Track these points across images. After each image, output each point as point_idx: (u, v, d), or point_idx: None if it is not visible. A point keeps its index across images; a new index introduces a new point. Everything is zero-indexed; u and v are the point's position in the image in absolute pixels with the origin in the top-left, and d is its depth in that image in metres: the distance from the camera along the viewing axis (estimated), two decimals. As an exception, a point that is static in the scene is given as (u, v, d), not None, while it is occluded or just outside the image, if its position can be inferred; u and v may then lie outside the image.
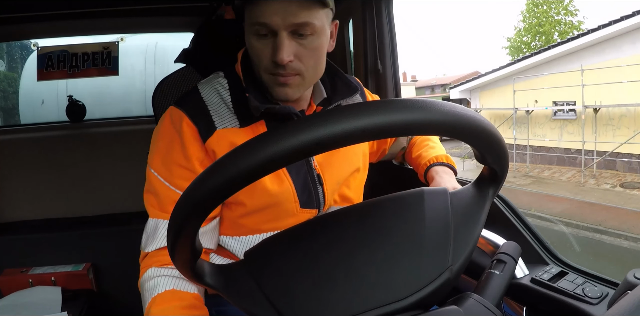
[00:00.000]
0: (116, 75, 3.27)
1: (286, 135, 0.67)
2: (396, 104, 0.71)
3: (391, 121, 0.69)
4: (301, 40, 1.40)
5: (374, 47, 2.68)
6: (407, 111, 0.70)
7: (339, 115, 0.68)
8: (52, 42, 3.22)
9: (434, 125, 0.73)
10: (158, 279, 1.45)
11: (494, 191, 0.97)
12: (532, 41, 29.19)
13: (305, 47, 1.42)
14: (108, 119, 3.33)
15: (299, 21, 1.35)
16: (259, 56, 1.44)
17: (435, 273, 0.83)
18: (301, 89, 1.50)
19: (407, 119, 0.70)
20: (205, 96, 1.56)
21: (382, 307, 0.80)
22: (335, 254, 0.89)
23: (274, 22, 1.35)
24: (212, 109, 1.52)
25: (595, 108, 15.44)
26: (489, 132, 0.81)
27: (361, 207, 1.03)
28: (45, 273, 2.71)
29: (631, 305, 0.65)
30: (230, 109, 1.53)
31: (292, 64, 1.41)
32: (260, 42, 1.41)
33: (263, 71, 1.45)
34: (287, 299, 0.84)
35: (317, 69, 1.51)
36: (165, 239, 1.24)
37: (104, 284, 2.95)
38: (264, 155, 0.67)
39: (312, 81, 1.53)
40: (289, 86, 1.46)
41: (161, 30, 3.37)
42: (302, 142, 0.67)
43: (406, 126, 0.70)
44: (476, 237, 0.91)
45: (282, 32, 1.36)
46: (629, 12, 14.08)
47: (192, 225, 0.76)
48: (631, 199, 13.13)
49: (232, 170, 0.68)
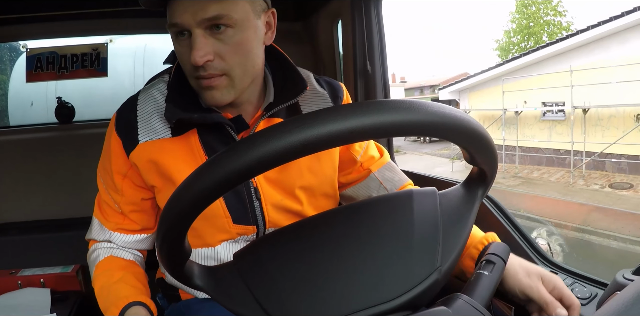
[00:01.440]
0: (105, 76, 3.26)
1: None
2: (384, 105, 0.70)
3: (379, 122, 0.69)
4: (219, 36, 1.30)
5: (362, 48, 2.68)
6: (395, 112, 0.70)
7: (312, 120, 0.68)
8: (41, 43, 3.21)
9: (423, 126, 0.73)
10: (98, 250, 1.60)
11: (483, 191, 0.97)
12: (521, 42, 29.29)
13: (226, 43, 1.31)
14: (97, 121, 3.32)
15: (209, 15, 1.26)
16: (182, 60, 1.38)
17: (424, 273, 0.83)
18: (231, 91, 1.37)
19: (395, 120, 0.70)
20: (140, 104, 1.51)
21: (371, 308, 0.80)
22: (325, 256, 0.89)
23: (184, 20, 1.27)
24: (142, 119, 1.48)
25: (584, 109, 15.49)
26: (477, 133, 0.81)
27: (351, 208, 1.04)
28: (34, 275, 2.70)
29: (620, 305, 0.65)
30: (163, 118, 1.45)
31: (212, 63, 1.31)
32: (180, 44, 1.34)
33: (189, 75, 1.38)
34: (276, 300, 0.84)
35: (247, 67, 1.38)
36: (97, 233, 1.58)
37: (93, 286, 2.94)
38: (251, 157, 0.67)
39: (244, 80, 1.39)
40: (216, 89, 1.35)
41: (150, 31, 3.36)
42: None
43: (394, 127, 0.70)
44: (465, 238, 0.91)
45: (195, 30, 1.27)
46: (618, 13, 14.14)
47: (180, 229, 0.76)
48: (620, 199, 13.19)
49: (220, 172, 0.68)
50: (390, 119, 0.69)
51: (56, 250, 2.88)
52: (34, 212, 3.04)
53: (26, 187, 3.03)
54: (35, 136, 3.11)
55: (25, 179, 3.03)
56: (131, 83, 3.93)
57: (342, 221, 0.99)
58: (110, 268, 1.52)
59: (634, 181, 14.23)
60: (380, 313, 0.80)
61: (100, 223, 1.61)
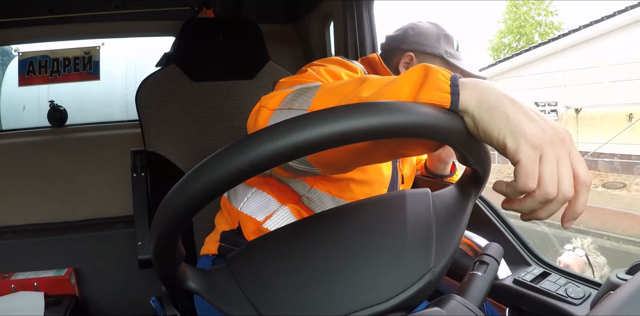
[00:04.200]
0: (97, 80, 3.26)
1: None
2: (375, 107, 0.70)
3: (370, 124, 0.68)
4: None
5: (355, 49, 2.68)
6: (385, 113, 0.70)
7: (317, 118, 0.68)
8: (33, 47, 3.21)
9: (415, 127, 0.72)
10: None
11: (476, 192, 0.97)
12: (512, 43, 29.35)
13: None
14: (89, 124, 3.32)
15: None
16: None
17: (418, 275, 0.83)
18: None
19: (386, 122, 0.69)
20: None
21: (365, 309, 0.80)
22: (318, 257, 0.89)
23: None
24: None
25: (577, 108, 15.51)
26: (470, 134, 0.81)
27: (343, 209, 1.03)
28: (27, 279, 2.69)
29: (614, 305, 0.65)
30: None
31: None
32: None
33: None
34: (270, 302, 0.84)
35: None
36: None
37: (86, 289, 2.94)
38: (244, 159, 0.66)
39: None
40: None
41: (142, 34, 3.37)
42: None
43: (385, 129, 0.70)
44: (458, 239, 0.91)
45: None
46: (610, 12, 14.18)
47: (175, 231, 0.76)
48: (613, 199, 13.20)
49: (213, 175, 0.68)
50: (381, 121, 0.69)
51: (49, 254, 2.88)
52: (27, 215, 3.03)
53: (18, 191, 3.02)
54: (27, 139, 3.11)
55: (18, 183, 3.03)
56: (123, 86, 3.93)
57: (335, 222, 0.98)
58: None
59: (627, 181, 14.24)
60: (373, 314, 0.80)
61: None
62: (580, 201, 0.80)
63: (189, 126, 2.39)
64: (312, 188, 1.64)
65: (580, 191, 0.80)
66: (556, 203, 0.79)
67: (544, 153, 0.77)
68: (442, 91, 0.81)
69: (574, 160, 0.79)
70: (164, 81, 2.34)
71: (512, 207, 0.84)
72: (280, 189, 1.67)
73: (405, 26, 2.05)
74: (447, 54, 1.97)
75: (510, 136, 0.77)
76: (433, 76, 0.84)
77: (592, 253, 5.09)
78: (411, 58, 1.95)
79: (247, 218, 1.65)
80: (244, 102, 2.47)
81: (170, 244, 0.78)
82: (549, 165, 0.77)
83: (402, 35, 2.01)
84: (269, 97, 1.16)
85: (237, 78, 2.50)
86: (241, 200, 1.69)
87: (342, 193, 1.64)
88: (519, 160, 0.76)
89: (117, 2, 3.04)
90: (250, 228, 1.63)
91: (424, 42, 1.97)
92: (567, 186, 0.78)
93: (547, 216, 0.82)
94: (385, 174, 1.70)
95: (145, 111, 2.32)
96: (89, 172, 3.11)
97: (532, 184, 0.77)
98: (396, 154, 1.11)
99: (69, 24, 3.00)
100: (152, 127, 2.33)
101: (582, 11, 27.90)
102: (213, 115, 2.44)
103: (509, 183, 0.80)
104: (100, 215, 3.13)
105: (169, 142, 2.34)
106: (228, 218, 1.76)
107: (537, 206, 0.80)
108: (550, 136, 0.78)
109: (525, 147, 0.76)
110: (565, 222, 0.83)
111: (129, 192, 2.43)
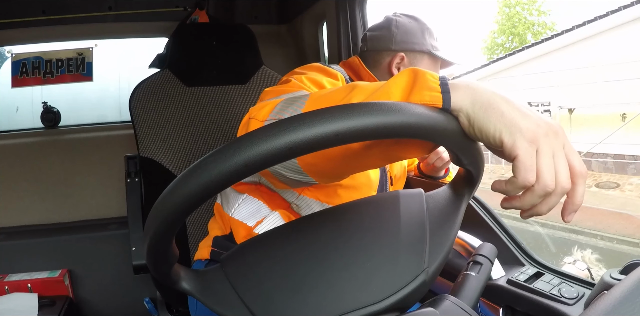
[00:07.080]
0: (91, 81, 3.25)
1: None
2: (369, 107, 0.70)
3: (363, 124, 0.68)
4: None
5: (348, 50, 2.69)
6: (380, 113, 0.69)
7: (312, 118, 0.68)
8: (26, 48, 3.20)
9: (409, 127, 0.72)
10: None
11: (469, 192, 0.97)
12: (505, 43, 29.37)
13: None
14: (83, 125, 3.31)
15: None
16: None
17: (411, 275, 0.83)
18: None
19: (379, 123, 0.69)
20: None
21: (358, 310, 0.80)
22: (311, 257, 0.89)
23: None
24: None
25: (570, 108, 15.53)
26: (464, 134, 0.81)
27: (337, 209, 1.03)
28: (21, 280, 2.69)
29: (607, 305, 0.65)
30: None
31: None
32: None
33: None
34: (263, 302, 0.84)
35: None
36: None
37: (80, 290, 2.93)
38: (238, 159, 0.66)
39: None
40: None
41: (135, 35, 3.36)
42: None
43: (380, 129, 0.69)
44: (452, 239, 0.91)
45: None
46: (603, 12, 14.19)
47: (169, 231, 0.76)
48: (607, 199, 13.21)
49: (207, 175, 0.67)
50: (375, 121, 0.68)
51: (43, 255, 2.88)
52: (20, 217, 3.03)
53: (12, 192, 3.02)
54: (21, 141, 3.11)
55: (11, 184, 3.02)
56: (117, 87, 3.93)
57: (329, 223, 0.98)
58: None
59: (620, 181, 14.27)
60: (367, 314, 0.80)
61: None
62: (578, 192, 0.81)
63: (182, 131, 2.38)
64: (300, 195, 1.65)
65: (577, 182, 0.81)
66: (555, 196, 0.80)
67: (539, 147, 0.78)
68: (433, 90, 0.82)
69: (568, 152, 0.81)
70: (158, 86, 2.34)
71: (513, 204, 0.84)
72: (270, 196, 1.68)
73: (384, 24, 2.03)
74: (433, 48, 1.97)
75: (506, 132, 0.78)
76: (422, 77, 0.86)
77: (595, 266, 5.07)
78: (402, 58, 1.95)
79: (239, 224, 1.65)
80: (238, 107, 2.46)
81: (164, 245, 0.78)
82: (545, 158, 0.78)
83: (388, 35, 1.99)
84: (258, 108, 1.15)
85: (230, 83, 2.49)
86: (233, 206, 1.70)
87: (329, 199, 1.64)
88: (517, 155, 0.77)
89: (110, 4, 3.04)
90: (242, 234, 1.64)
91: (412, 40, 1.96)
92: (565, 178, 0.79)
93: (547, 210, 0.83)
94: (372, 178, 1.71)
95: (139, 116, 2.31)
96: (82, 173, 3.10)
97: (531, 178, 0.77)
98: (391, 158, 1.11)
99: (62, 26, 3.00)
100: (146, 133, 2.32)
101: (575, 11, 27.92)
102: (207, 120, 2.43)
103: (509, 180, 0.80)
104: (94, 216, 3.12)
105: (162, 147, 2.34)
106: (220, 223, 1.76)
107: (537, 200, 0.81)
108: (545, 130, 0.79)
109: (522, 142, 0.77)
110: (566, 215, 0.83)
111: (122, 193, 2.43)
